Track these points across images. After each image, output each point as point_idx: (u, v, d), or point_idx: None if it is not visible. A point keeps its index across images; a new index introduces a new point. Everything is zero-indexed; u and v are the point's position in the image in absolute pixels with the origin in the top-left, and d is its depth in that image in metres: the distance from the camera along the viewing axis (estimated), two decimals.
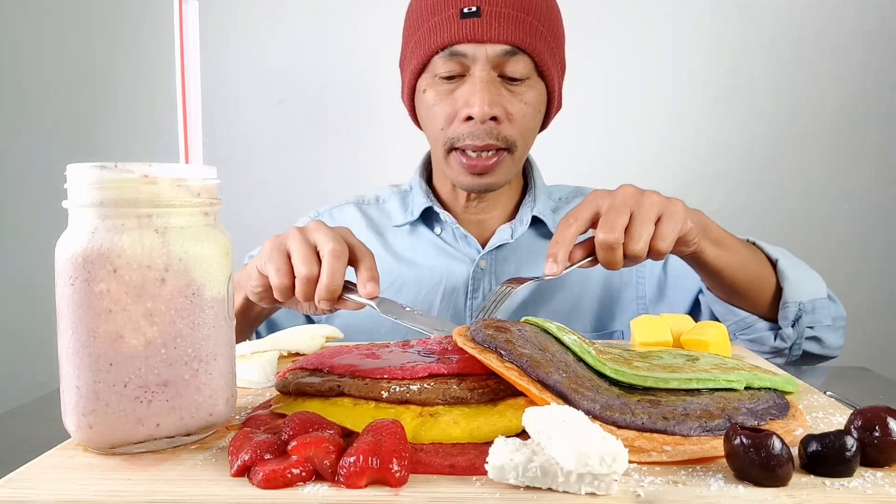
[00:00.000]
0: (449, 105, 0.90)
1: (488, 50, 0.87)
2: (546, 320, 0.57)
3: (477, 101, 0.86)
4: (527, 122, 0.91)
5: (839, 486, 0.39)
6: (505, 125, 0.89)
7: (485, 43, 0.87)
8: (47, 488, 0.41)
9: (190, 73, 0.51)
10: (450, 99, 0.90)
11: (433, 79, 0.91)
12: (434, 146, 0.96)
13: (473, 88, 0.87)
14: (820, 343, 0.89)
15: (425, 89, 0.92)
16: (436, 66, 0.90)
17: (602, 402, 0.45)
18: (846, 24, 1.67)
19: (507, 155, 0.92)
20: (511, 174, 0.95)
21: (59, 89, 1.77)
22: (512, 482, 0.39)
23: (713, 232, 0.79)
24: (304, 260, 0.69)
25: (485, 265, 1.00)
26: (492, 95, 0.87)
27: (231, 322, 0.50)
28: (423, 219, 1.04)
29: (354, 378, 0.50)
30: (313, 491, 0.39)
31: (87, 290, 0.44)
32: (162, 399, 0.45)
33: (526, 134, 0.92)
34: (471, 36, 0.87)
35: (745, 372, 0.52)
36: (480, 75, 0.87)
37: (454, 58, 0.88)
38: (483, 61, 0.87)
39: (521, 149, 0.93)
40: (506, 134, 0.89)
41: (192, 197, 0.47)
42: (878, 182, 1.71)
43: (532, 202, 1.02)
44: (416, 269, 1.02)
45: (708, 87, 1.71)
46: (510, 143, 0.91)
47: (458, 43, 0.88)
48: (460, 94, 0.89)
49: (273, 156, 1.77)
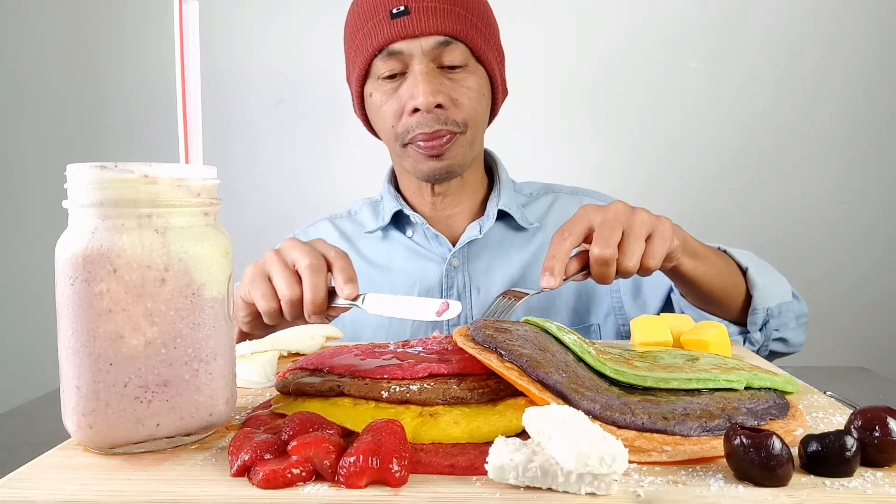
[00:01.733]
0: (395, 102, 0.93)
1: (423, 43, 0.90)
2: (546, 320, 0.57)
3: (420, 92, 0.89)
4: (473, 105, 0.94)
5: (839, 486, 0.39)
6: (451, 110, 0.92)
7: (417, 37, 0.90)
8: (47, 488, 0.41)
9: (190, 73, 0.51)
10: (395, 96, 0.93)
11: (377, 81, 0.94)
12: (390, 145, 0.98)
13: (415, 81, 0.90)
14: (785, 343, 0.93)
15: (371, 93, 0.95)
16: (377, 68, 0.93)
17: (602, 402, 0.45)
18: (846, 25, 1.67)
19: (460, 136, 0.94)
20: (467, 157, 0.97)
21: (59, 89, 1.77)
22: (512, 482, 0.39)
23: (690, 245, 0.81)
24: (286, 282, 0.71)
25: (457, 263, 1.02)
26: (433, 85, 0.90)
27: (231, 322, 0.50)
28: (395, 223, 1.06)
29: (354, 378, 0.51)
30: (313, 491, 0.39)
31: (86, 290, 0.44)
32: (162, 399, 0.45)
33: (475, 116, 0.95)
34: (403, 33, 0.90)
35: (745, 372, 0.52)
36: (419, 68, 0.90)
37: (392, 57, 0.91)
38: (420, 55, 0.90)
39: (472, 130, 0.95)
40: (454, 118, 0.92)
41: (192, 197, 0.47)
42: (877, 182, 1.71)
43: (497, 196, 1.04)
44: (390, 274, 1.04)
45: (707, 87, 1.71)
46: (460, 125, 0.93)
47: (393, 42, 0.90)
48: (404, 90, 0.92)
49: (273, 156, 1.77)
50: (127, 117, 1.77)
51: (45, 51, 1.77)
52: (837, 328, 1.72)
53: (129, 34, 1.75)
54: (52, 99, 1.77)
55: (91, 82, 1.77)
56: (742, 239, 1.72)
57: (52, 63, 1.77)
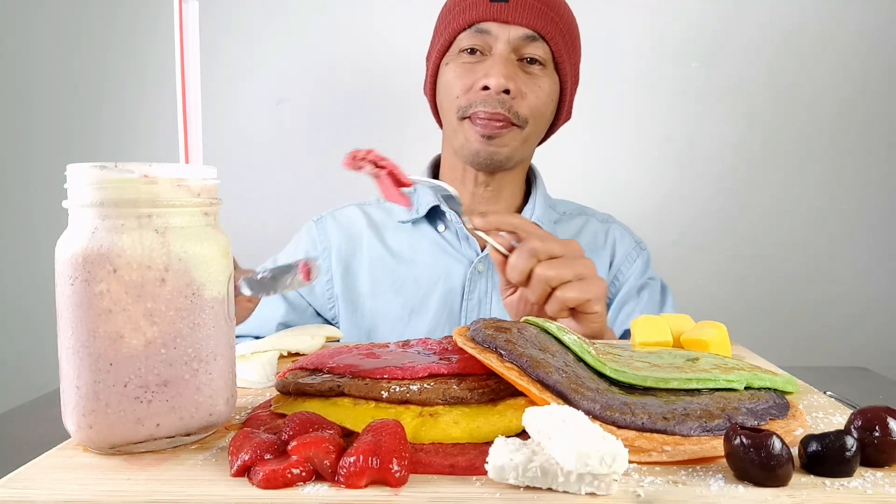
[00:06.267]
0: (468, 77, 0.96)
1: (511, 32, 0.94)
2: (546, 320, 0.57)
3: (495, 73, 0.92)
4: (538, 104, 0.96)
5: (839, 486, 0.39)
6: (518, 101, 0.94)
7: (509, 24, 0.94)
8: (47, 488, 0.41)
9: (190, 73, 0.51)
10: (470, 72, 0.96)
11: (457, 54, 0.97)
12: (448, 116, 1.00)
13: (494, 62, 0.94)
14: None
15: (448, 63, 0.98)
16: (461, 41, 0.97)
17: (602, 402, 0.45)
18: (846, 25, 1.67)
19: (517, 129, 0.96)
20: (516, 152, 0.99)
21: (59, 89, 1.77)
22: (512, 482, 0.39)
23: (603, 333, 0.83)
24: None
25: (482, 269, 1.02)
26: (509, 70, 0.93)
27: (231, 322, 0.50)
28: (428, 216, 1.06)
29: (354, 378, 0.50)
30: (313, 491, 0.39)
31: (86, 290, 0.44)
32: (162, 399, 0.45)
33: (536, 115, 0.97)
34: (496, 16, 0.94)
35: (745, 372, 0.52)
36: (501, 52, 0.94)
37: (479, 34, 0.95)
38: (505, 41, 0.94)
39: (530, 127, 0.97)
40: (517, 109, 0.95)
41: (192, 197, 0.47)
42: (877, 182, 1.71)
43: (532, 209, 1.05)
44: (414, 268, 1.03)
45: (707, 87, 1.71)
46: (521, 118, 0.95)
47: (485, 21, 0.95)
48: (481, 68, 0.95)
49: (273, 156, 1.77)
50: (127, 117, 1.76)
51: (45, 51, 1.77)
52: (837, 328, 1.72)
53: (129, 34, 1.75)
54: (52, 99, 1.77)
55: (91, 82, 1.77)
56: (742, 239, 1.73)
57: (52, 63, 1.77)
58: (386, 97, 1.75)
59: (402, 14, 1.75)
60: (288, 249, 1.11)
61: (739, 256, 1.73)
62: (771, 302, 1.71)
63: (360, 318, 1.03)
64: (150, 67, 1.75)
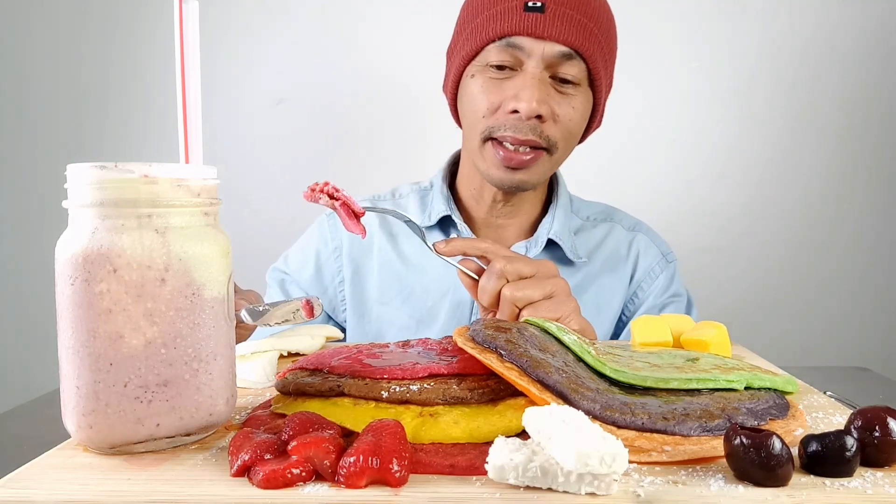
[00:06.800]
0: (496, 94, 0.88)
1: (546, 48, 0.85)
2: (546, 320, 0.57)
3: (526, 97, 0.84)
4: (571, 127, 0.89)
5: (839, 486, 0.39)
6: (549, 125, 0.87)
7: (545, 40, 0.85)
8: (47, 488, 0.41)
9: (190, 73, 0.51)
10: (498, 89, 0.88)
11: (483, 66, 0.89)
12: (470, 133, 0.93)
13: (525, 83, 0.85)
14: None
15: (473, 74, 0.90)
16: (488, 54, 0.88)
17: (602, 402, 0.45)
18: (847, 25, 1.67)
19: (546, 155, 0.89)
20: (545, 176, 0.93)
21: (58, 89, 1.77)
22: (512, 482, 0.39)
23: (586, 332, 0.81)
24: None
25: None
26: (541, 93, 0.85)
27: (231, 322, 0.50)
28: (439, 225, 1.01)
29: (354, 378, 0.50)
30: (313, 491, 0.39)
31: (87, 290, 0.44)
32: (162, 399, 0.45)
33: (568, 138, 0.90)
34: (532, 30, 0.84)
35: (745, 372, 0.52)
36: (534, 71, 0.85)
37: (509, 49, 0.86)
38: (538, 58, 0.85)
39: (560, 151, 0.91)
40: (548, 133, 0.87)
41: (192, 197, 0.47)
42: (878, 182, 1.71)
43: (551, 221, 0.99)
44: (424, 277, 0.99)
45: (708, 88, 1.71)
46: (551, 143, 0.88)
47: (518, 35, 0.85)
48: (510, 87, 0.87)
49: (273, 156, 1.78)
50: (127, 117, 1.77)
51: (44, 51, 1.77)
52: (837, 328, 1.72)
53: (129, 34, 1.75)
54: (52, 99, 1.77)
55: (91, 82, 1.77)
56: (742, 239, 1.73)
57: (51, 63, 1.77)
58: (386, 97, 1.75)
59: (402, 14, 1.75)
60: (300, 243, 1.09)
61: (740, 257, 1.73)
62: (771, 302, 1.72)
63: (367, 322, 1.01)
64: (150, 67, 1.75)
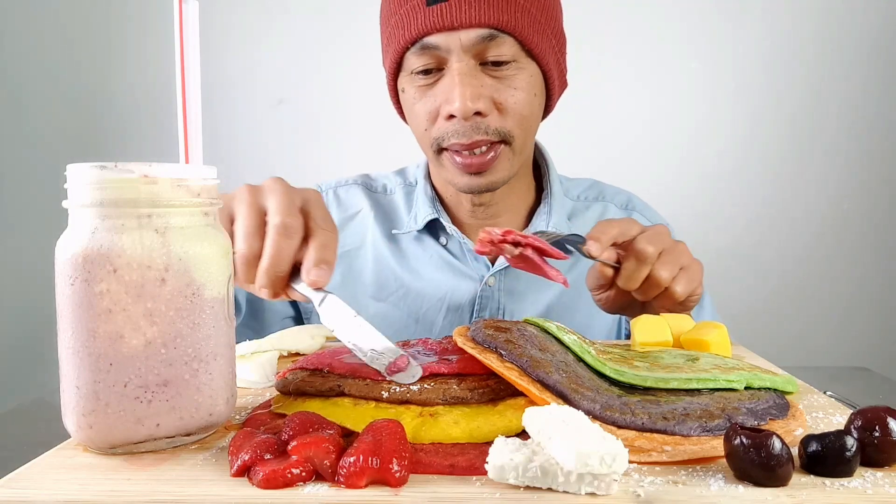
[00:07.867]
0: (429, 102, 0.82)
1: (462, 37, 0.77)
2: (546, 320, 0.57)
3: (457, 96, 0.77)
4: (521, 110, 0.81)
5: (839, 486, 0.39)
6: (494, 117, 0.80)
7: (457, 30, 0.77)
8: (47, 488, 0.41)
9: (190, 73, 0.51)
10: (430, 95, 0.82)
11: (410, 76, 0.82)
12: (423, 147, 0.88)
13: (452, 82, 0.78)
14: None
15: (404, 88, 0.84)
16: (410, 62, 0.81)
17: (602, 402, 0.45)
18: (847, 25, 1.67)
19: (505, 148, 0.83)
20: (513, 169, 0.86)
21: (59, 89, 1.77)
22: (512, 482, 0.39)
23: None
24: (246, 233, 0.56)
25: (493, 282, 0.93)
26: (473, 88, 0.78)
27: (231, 322, 0.50)
28: (428, 227, 0.96)
29: (354, 378, 0.51)
30: (313, 491, 0.39)
31: (86, 290, 0.44)
32: (162, 399, 0.45)
33: (524, 122, 0.83)
34: (440, 24, 0.77)
35: (745, 372, 0.52)
36: (458, 67, 0.78)
37: (427, 51, 0.79)
38: (458, 51, 0.78)
39: (520, 139, 0.83)
40: (496, 126, 0.81)
41: (192, 197, 0.47)
42: (878, 182, 1.71)
43: (547, 213, 0.93)
44: (419, 281, 0.94)
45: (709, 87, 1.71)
46: (504, 134, 0.81)
47: (428, 34, 0.78)
48: (440, 90, 0.80)
49: (273, 156, 1.78)
50: (127, 117, 1.77)
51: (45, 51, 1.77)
52: (837, 328, 1.72)
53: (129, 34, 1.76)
54: (52, 99, 1.77)
55: (91, 82, 1.77)
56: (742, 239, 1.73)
57: (52, 63, 1.77)
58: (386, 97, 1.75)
59: None
60: None
61: (739, 256, 1.73)
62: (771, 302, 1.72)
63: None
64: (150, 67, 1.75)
